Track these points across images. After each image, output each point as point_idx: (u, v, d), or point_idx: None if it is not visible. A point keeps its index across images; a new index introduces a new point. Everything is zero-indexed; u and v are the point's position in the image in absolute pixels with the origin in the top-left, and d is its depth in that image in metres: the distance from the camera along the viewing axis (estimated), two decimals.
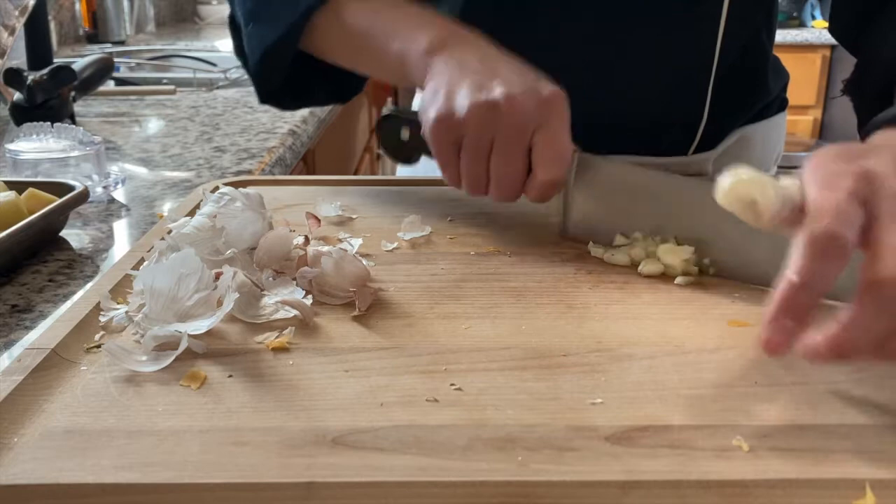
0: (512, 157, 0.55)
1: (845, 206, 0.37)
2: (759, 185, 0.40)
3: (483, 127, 0.54)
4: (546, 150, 0.55)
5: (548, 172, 0.55)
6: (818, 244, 0.36)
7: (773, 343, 0.38)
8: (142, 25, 2.49)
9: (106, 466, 0.33)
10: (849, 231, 0.36)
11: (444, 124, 0.55)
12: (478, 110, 0.54)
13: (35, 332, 0.52)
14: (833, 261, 0.36)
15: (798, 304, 0.37)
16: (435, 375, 0.41)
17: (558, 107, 0.55)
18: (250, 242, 0.54)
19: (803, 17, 3.44)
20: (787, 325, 0.37)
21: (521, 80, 0.55)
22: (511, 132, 0.54)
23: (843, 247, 0.36)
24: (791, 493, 0.33)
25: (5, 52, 1.27)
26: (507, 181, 0.56)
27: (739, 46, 0.76)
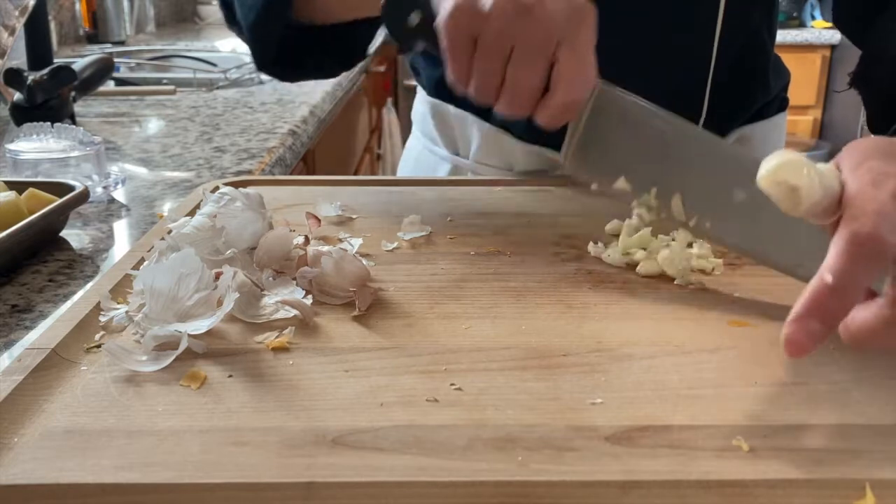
0: (532, 67, 0.50)
1: (888, 209, 0.35)
2: (804, 171, 0.38)
3: (508, 25, 0.49)
4: (570, 67, 0.50)
5: (568, 92, 0.50)
6: (859, 246, 0.34)
7: (796, 344, 0.36)
8: (142, 25, 2.50)
9: (106, 466, 0.33)
10: (891, 234, 0.34)
11: (463, 15, 0.49)
12: (503, 7, 0.48)
13: (35, 332, 0.52)
14: (872, 265, 0.34)
15: (829, 307, 0.35)
16: (435, 375, 0.41)
17: (589, 20, 0.51)
18: (250, 242, 0.54)
19: (803, 17, 3.44)
20: (814, 328, 0.35)
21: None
22: (537, 38, 0.49)
23: (884, 252, 0.34)
24: (791, 493, 0.33)
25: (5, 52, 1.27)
26: (522, 93, 0.51)
27: (738, 44, 0.76)
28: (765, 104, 0.83)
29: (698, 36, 0.74)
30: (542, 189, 0.73)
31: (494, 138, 0.81)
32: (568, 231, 0.62)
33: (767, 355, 0.43)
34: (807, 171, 0.38)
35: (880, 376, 0.41)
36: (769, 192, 0.39)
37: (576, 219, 0.65)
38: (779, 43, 0.87)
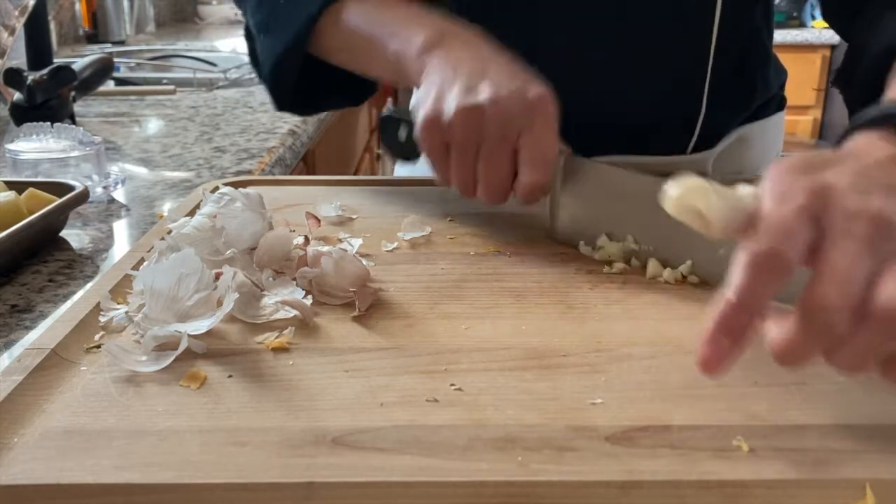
0: (497, 160, 0.56)
1: (792, 223, 0.35)
2: (703, 194, 0.39)
3: (469, 130, 0.55)
4: (529, 153, 0.55)
5: (531, 175, 0.55)
6: (757, 263, 0.35)
7: (709, 361, 0.36)
8: (142, 25, 2.50)
9: (106, 466, 0.33)
10: (791, 249, 0.35)
11: (432, 127, 0.56)
12: (463, 114, 0.54)
13: (35, 332, 0.52)
14: (772, 280, 0.35)
15: (735, 323, 0.36)
16: (435, 375, 0.41)
17: (544, 109, 0.55)
18: (250, 242, 0.54)
19: (803, 17, 3.44)
20: (724, 344, 0.36)
21: (508, 82, 0.55)
22: (496, 136, 0.55)
23: (782, 266, 0.35)
24: (791, 493, 0.33)
25: (5, 52, 1.27)
26: (494, 183, 0.57)
27: (736, 43, 0.76)
28: (763, 103, 0.83)
29: (695, 36, 0.74)
30: None
31: None
32: None
33: (767, 355, 0.43)
34: (705, 194, 0.39)
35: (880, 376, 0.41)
36: (679, 218, 0.40)
37: None
38: (779, 43, 0.87)
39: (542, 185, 0.57)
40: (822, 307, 0.34)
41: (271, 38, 0.70)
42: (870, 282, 0.34)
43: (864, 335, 0.34)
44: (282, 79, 0.71)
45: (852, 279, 0.34)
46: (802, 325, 0.35)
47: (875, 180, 0.37)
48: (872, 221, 0.35)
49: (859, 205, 0.35)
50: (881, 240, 0.35)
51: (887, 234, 0.35)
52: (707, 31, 0.73)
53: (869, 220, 0.35)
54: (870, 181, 0.37)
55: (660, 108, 0.76)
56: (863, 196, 0.36)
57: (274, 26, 0.70)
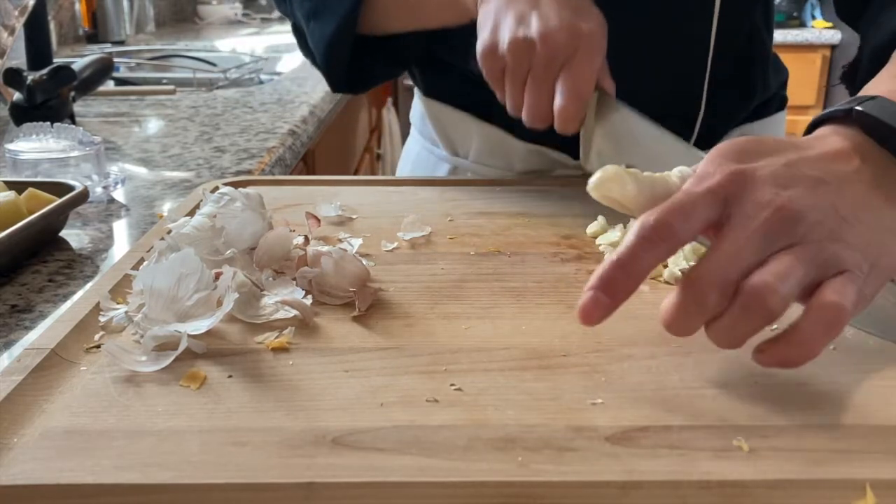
0: (540, 88, 0.59)
1: (693, 200, 0.38)
2: (620, 182, 0.41)
3: (520, 59, 0.59)
4: (565, 84, 0.58)
5: (563, 105, 0.58)
6: (643, 230, 0.38)
7: (587, 313, 0.38)
8: (142, 25, 2.50)
9: (106, 466, 0.33)
10: (681, 222, 0.37)
11: (488, 55, 0.61)
12: (515, 44, 0.58)
13: (35, 332, 0.52)
14: (654, 246, 0.37)
15: (615, 282, 0.38)
16: (435, 375, 0.41)
17: (590, 41, 0.58)
18: (250, 242, 0.54)
19: (803, 17, 3.44)
20: (601, 299, 0.38)
21: (559, 14, 0.59)
22: (541, 66, 0.58)
23: (667, 235, 0.37)
24: (791, 494, 0.33)
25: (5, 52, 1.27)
26: (536, 108, 0.60)
27: (735, 43, 0.76)
28: (764, 102, 0.83)
29: (694, 36, 0.74)
30: (542, 189, 0.73)
31: (494, 138, 0.81)
32: (568, 231, 0.62)
33: None
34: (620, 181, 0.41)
35: (880, 376, 0.41)
36: (604, 203, 0.43)
37: (576, 219, 0.65)
38: (779, 43, 0.87)
39: (575, 116, 0.59)
40: (697, 280, 0.37)
41: (321, 22, 0.74)
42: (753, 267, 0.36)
43: (733, 311, 0.37)
44: (335, 59, 0.75)
45: (734, 259, 0.37)
46: (681, 296, 0.38)
47: (802, 174, 0.39)
48: (775, 213, 0.37)
49: (769, 195, 0.38)
50: (778, 232, 0.37)
51: (788, 227, 0.37)
52: (706, 31, 0.73)
53: (774, 210, 0.37)
54: (795, 174, 0.39)
55: (659, 107, 0.76)
56: (778, 187, 0.38)
57: (323, 10, 0.74)
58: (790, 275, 0.36)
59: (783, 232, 0.37)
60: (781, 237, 0.37)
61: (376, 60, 0.79)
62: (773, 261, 0.36)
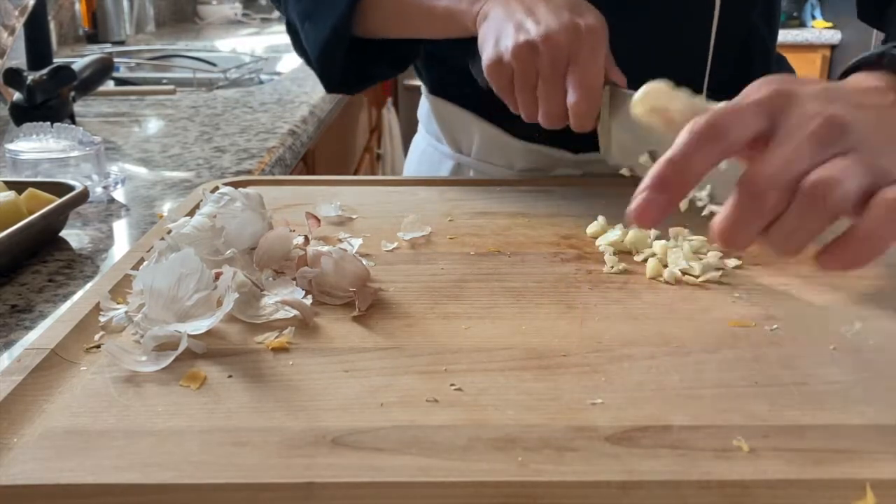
0: (552, 90, 0.60)
1: (742, 108, 0.38)
2: (668, 94, 0.42)
3: (526, 65, 0.60)
4: (574, 81, 0.59)
5: (577, 103, 0.59)
6: (697, 130, 0.38)
7: (642, 213, 0.39)
8: (142, 25, 2.50)
9: (106, 466, 0.33)
10: (733, 125, 0.38)
11: (494, 67, 0.61)
12: (518, 51, 0.59)
13: (35, 332, 0.52)
14: (707, 146, 0.38)
15: (669, 180, 0.38)
16: (435, 375, 0.41)
17: (592, 37, 0.59)
18: (250, 242, 0.54)
19: (803, 17, 3.44)
20: (657, 199, 0.38)
21: (556, 15, 0.60)
22: (548, 67, 0.59)
23: (720, 135, 0.38)
24: (791, 494, 0.33)
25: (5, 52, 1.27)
26: (551, 111, 0.61)
27: (735, 42, 0.76)
28: None
29: (695, 34, 0.74)
30: (542, 189, 0.73)
31: (495, 137, 0.81)
32: (568, 231, 0.62)
33: (767, 355, 0.43)
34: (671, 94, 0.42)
35: (880, 377, 0.41)
36: (645, 120, 0.43)
37: (576, 219, 0.65)
38: (779, 43, 0.87)
39: (589, 111, 0.60)
40: (756, 178, 0.37)
41: (316, 23, 0.74)
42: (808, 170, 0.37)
43: (793, 210, 0.37)
44: (330, 60, 0.75)
45: (792, 160, 0.37)
46: (739, 200, 0.37)
47: (843, 97, 0.40)
48: (825, 121, 0.37)
49: (818, 107, 0.38)
50: (829, 139, 0.37)
51: (837, 135, 0.37)
52: (706, 31, 0.73)
53: (823, 119, 0.37)
54: (836, 94, 0.40)
55: None
56: (823, 103, 0.38)
57: (317, 12, 0.73)
58: (850, 174, 0.36)
59: (834, 139, 0.37)
60: (833, 144, 0.37)
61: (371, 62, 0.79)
62: (829, 162, 0.36)
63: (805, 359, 0.43)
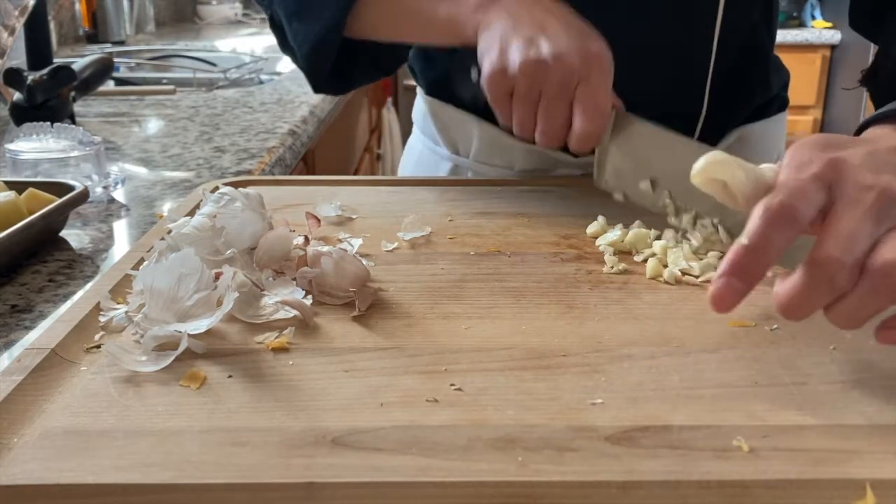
0: (556, 110, 0.60)
1: (805, 185, 0.39)
2: (728, 167, 0.43)
3: (532, 81, 0.59)
4: (585, 105, 0.59)
5: (586, 125, 0.59)
6: (770, 213, 0.39)
7: (721, 299, 0.40)
8: (142, 25, 2.49)
9: (106, 467, 0.33)
10: (803, 205, 0.39)
11: (497, 77, 0.60)
12: (527, 66, 0.58)
13: (35, 332, 0.52)
14: (782, 229, 0.39)
15: (747, 266, 0.39)
16: (435, 375, 0.41)
17: (601, 63, 0.60)
18: (250, 242, 0.54)
19: (803, 17, 3.44)
20: (735, 285, 0.39)
21: (568, 36, 0.59)
22: (556, 87, 0.59)
23: (793, 217, 0.39)
24: (791, 494, 0.33)
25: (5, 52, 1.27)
26: (551, 130, 0.61)
27: (738, 43, 0.76)
28: (764, 103, 0.83)
29: (697, 35, 0.74)
30: (542, 189, 0.73)
31: (494, 138, 0.81)
32: (568, 231, 0.62)
33: (767, 355, 0.43)
34: (731, 167, 0.43)
35: (880, 376, 0.41)
36: (705, 190, 0.44)
37: (576, 219, 0.65)
38: (779, 43, 0.87)
39: (595, 134, 0.60)
40: (826, 260, 0.38)
41: (306, 24, 0.72)
42: (872, 246, 0.38)
43: (861, 290, 0.38)
44: (320, 62, 0.74)
45: (857, 238, 0.38)
46: (807, 276, 0.38)
47: (886, 161, 0.41)
48: (881, 194, 0.39)
49: (870, 179, 0.39)
50: (886, 212, 0.38)
51: (892, 208, 0.39)
52: (710, 30, 0.73)
53: (878, 192, 0.39)
54: (881, 161, 0.41)
55: (661, 106, 0.76)
56: (873, 172, 0.40)
57: (308, 12, 0.72)
58: None
59: (890, 212, 0.39)
60: (889, 217, 0.39)
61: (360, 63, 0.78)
62: (889, 240, 0.38)
63: (805, 359, 0.43)
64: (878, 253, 0.38)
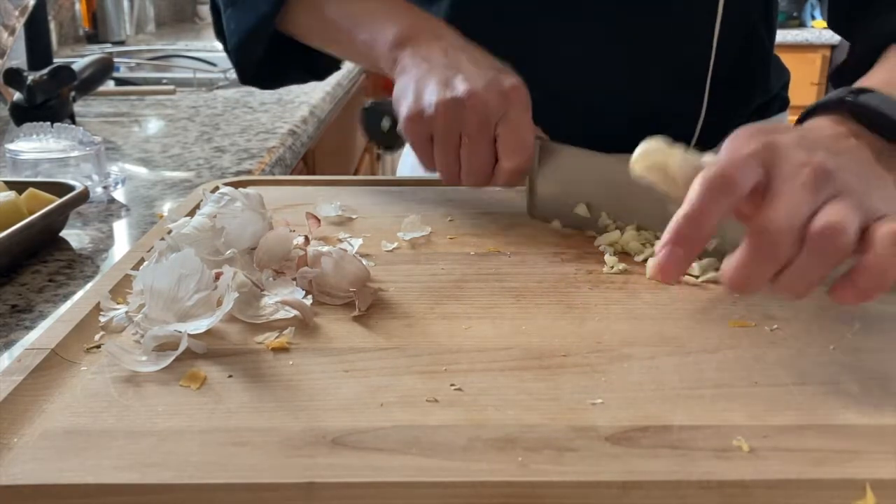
0: (478, 148, 0.59)
1: (742, 159, 0.40)
2: (667, 152, 0.43)
3: (450, 122, 0.58)
4: (508, 141, 0.58)
5: (511, 161, 0.59)
6: (708, 181, 0.40)
7: (664, 269, 0.40)
8: (142, 25, 2.49)
9: (106, 467, 0.33)
10: (740, 175, 0.40)
11: (415, 121, 0.59)
12: (444, 108, 0.58)
13: (35, 332, 0.52)
14: (720, 196, 0.39)
15: (688, 235, 0.40)
16: (435, 376, 0.41)
17: (518, 97, 0.59)
18: (250, 242, 0.54)
19: (803, 17, 3.44)
20: (678, 253, 0.40)
21: (482, 74, 0.59)
22: (475, 126, 0.58)
23: (731, 184, 0.39)
24: (791, 494, 0.33)
25: (5, 52, 1.27)
26: (476, 169, 0.60)
27: (738, 40, 0.76)
28: (765, 103, 0.83)
29: (697, 35, 0.74)
30: None
31: None
32: (568, 231, 0.62)
33: (767, 355, 0.43)
34: (669, 152, 0.43)
35: (880, 376, 0.41)
36: (645, 178, 0.44)
37: None
38: (779, 43, 0.87)
39: (522, 170, 0.60)
40: (769, 228, 0.38)
41: (239, 13, 0.72)
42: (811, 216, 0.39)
43: (804, 255, 0.39)
44: (248, 54, 0.73)
45: (797, 207, 0.39)
46: (752, 248, 0.39)
47: (817, 142, 0.43)
48: (816, 168, 0.40)
49: (804, 156, 0.41)
50: (822, 186, 0.39)
51: (827, 181, 0.40)
52: (709, 30, 0.73)
53: (813, 167, 0.40)
54: (813, 142, 0.42)
55: (662, 106, 0.76)
56: (807, 151, 0.41)
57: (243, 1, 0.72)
58: (849, 217, 0.38)
59: (825, 186, 0.40)
60: (825, 189, 0.39)
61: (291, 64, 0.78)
62: (826, 207, 0.39)
63: (805, 359, 0.43)
64: (817, 218, 0.39)
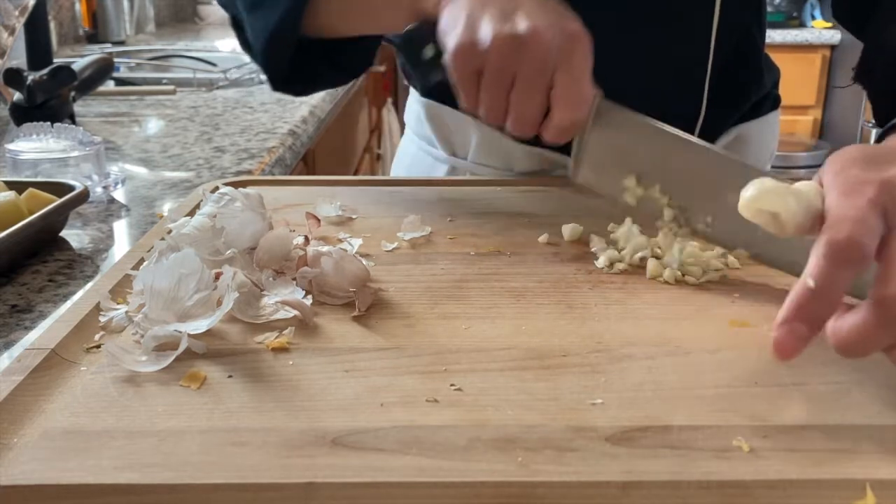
0: (533, 94, 0.54)
1: (866, 215, 0.37)
2: (781, 196, 0.40)
3: (506, 59, 0.53)
4: (567, 91, 0.53)
5: (565, 113, 0.54)
6: (837, 251, 0.36)
7: (784, 346, 0.38)
8: (142, 25, 2.49)
9: (106, 467, 0.33)
10: (868, 239, 0.36)
11: (466, 53, 0.54)
12: (501, 42, 0.52)
13: (35, 332, 0.52)
14: (850, 269, 0.36)
15: (812, 310, 0.37)
16: (435, 376, 0.41)
17: (582, 45, 0.54)
18: (250, 242, 0.54)
19: (803, 17, 3.44)
20: (800, 330, 0.37)
21: (544, 13, 0.53)
22: (533, 68, 0.53)
23: (861, 255, 0.36)
24: (791, 494, 0.33)
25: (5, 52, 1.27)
26: (526, 117, 0.55)
27: (733, 39, 0.76)
28: (758, 101, 0.84)
29: (695, 36, 0.74)
30: (542, 189, 0.73)
31: (493, 139, 0.81)
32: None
33: (767, 355, 0.43)
34: (783, 196, 0.40)
35: (880, 377, 0.41)
36: (753, 220, 0.41)
37: (576, 219, 0.64)
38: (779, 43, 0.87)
39: (577, 125, 0.55)
40: (892, 299, 0.35)
41: (263, 15, 0.69)
42: None
43: None
44: (276, 55, 0.70)
45: None
46: (874, 316, 0.36)
47: None
48: None
49: None
50: None
51: None
52: (707, 30, 0.73)
53: None
54: None
55: (661, 106, 0.76)
56: None
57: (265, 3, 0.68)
58: None
59: None
60: None
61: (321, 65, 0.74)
62: None
63: (805, 359, 0.42)
64: None
